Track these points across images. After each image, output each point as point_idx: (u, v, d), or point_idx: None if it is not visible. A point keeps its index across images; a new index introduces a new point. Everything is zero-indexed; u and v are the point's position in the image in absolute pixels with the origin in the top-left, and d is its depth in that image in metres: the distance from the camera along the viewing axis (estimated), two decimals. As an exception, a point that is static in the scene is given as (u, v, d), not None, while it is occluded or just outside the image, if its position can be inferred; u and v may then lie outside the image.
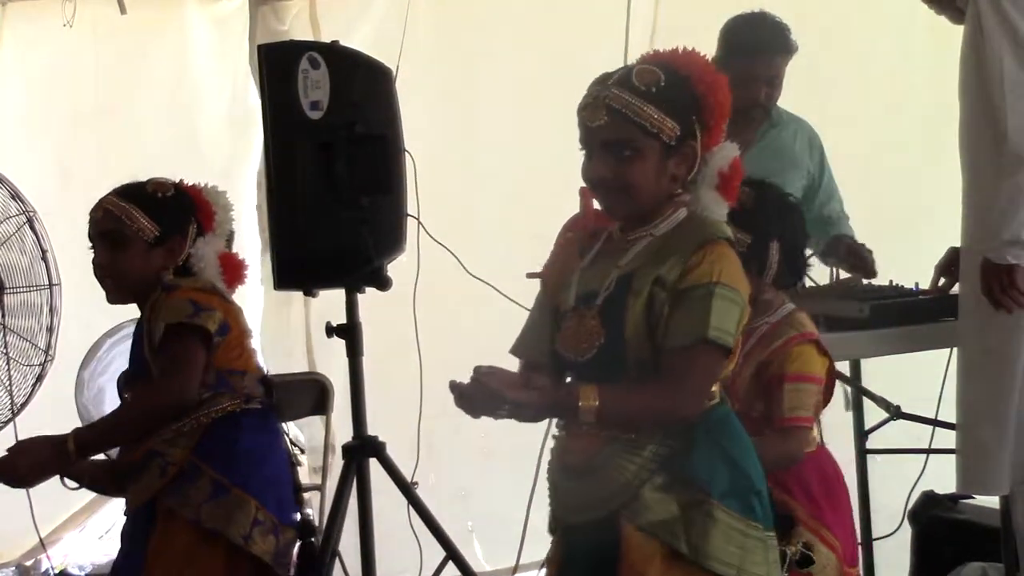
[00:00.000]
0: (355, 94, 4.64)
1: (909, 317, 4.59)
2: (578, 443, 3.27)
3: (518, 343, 3.59)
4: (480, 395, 3.09)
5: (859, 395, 5.03)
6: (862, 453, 5.09)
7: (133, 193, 4.14)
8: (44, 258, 5.66)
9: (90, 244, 4.15)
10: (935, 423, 4.69)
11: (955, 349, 4.40)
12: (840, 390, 4.85)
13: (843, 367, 4.92)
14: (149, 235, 4.10)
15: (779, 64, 5.03)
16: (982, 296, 4.18)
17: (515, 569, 5.77)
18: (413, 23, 6.19)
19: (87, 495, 7.32)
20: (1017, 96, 4.07)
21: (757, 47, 5.01)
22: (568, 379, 3.31)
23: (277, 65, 4.72)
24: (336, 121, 4.62)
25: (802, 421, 3.87)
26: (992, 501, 4.45)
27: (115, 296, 4.16)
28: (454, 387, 3.13)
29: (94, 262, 4.13)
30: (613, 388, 3.17)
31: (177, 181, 4.23)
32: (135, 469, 4.07)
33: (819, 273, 4.79)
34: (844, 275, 4.90)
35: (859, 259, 4.96)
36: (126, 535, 4.16)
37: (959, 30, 4.33)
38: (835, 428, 5.05)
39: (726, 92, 3.27)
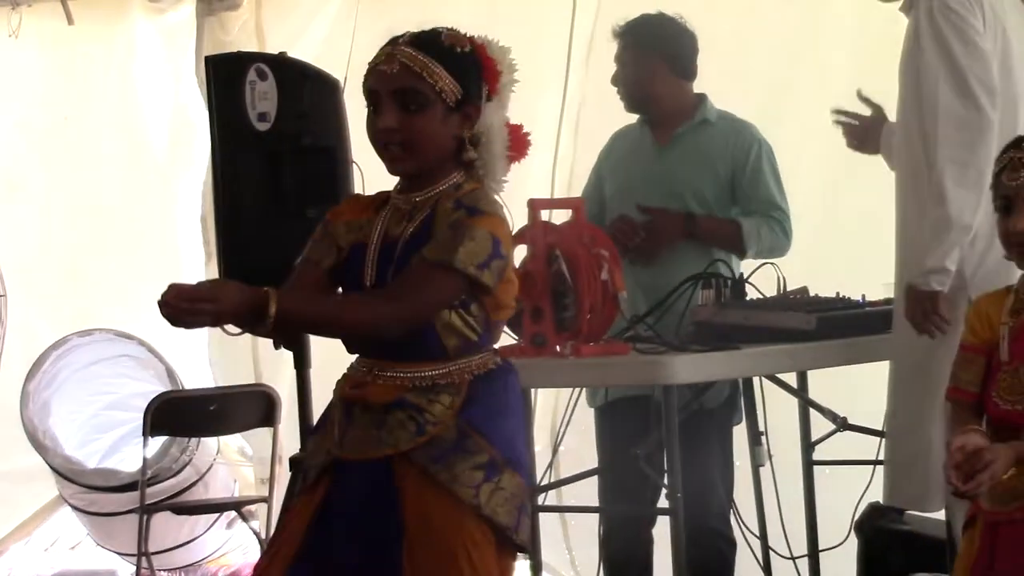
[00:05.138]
0: (303, 106, 4.64)
1: (855, 329, 4.60)
2: None
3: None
4: None
5: (806, 407, 5.04)
6: (809, 464, 5.10)
7: (432, 46, 3.44)
8: (-10, 270, 5.63)
9: (368, 104, 3.44)
10: (882, 435, 4.70)
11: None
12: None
13: (789, 379, 4.93)
14: (451, 98, 3.39)
15: (648, 60, 4.95)
16: None
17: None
18: (360, 33, 6.19)
19: (33, 505, 7.28)
20: (952, 128, 4.09)
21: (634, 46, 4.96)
22: None
23: (224, 76, 4.72)
24: (283, 133, 4.62)
25: None
26: (938, 512, 4.46)
27: (403, 166, 3.40)
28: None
29: (378, 126, 3.39)
30: None
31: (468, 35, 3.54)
32: (372, 414, 3.38)
33: (766, 285, 4.79)
34: (791, 287, 4.89)
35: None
36: (349, 490, 3.36)
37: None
38: (782, 439, 5.08)
39: None
